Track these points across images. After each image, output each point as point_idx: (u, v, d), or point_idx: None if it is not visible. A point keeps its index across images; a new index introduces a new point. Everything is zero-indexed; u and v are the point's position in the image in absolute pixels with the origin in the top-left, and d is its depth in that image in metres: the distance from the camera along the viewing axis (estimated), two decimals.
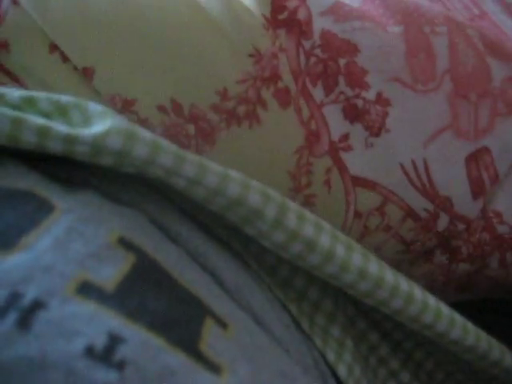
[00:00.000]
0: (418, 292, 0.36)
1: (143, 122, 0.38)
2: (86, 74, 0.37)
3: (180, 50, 0.38)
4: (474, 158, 0.42)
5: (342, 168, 0.40)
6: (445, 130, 0.41)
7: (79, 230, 0.25)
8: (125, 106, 0.37)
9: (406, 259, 0.46)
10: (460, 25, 0.43)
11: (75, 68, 0.37)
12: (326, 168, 0.40)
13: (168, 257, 0.27)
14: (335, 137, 0.40)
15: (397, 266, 0.47)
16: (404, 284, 0.35)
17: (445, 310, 0.37)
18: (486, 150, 0.42)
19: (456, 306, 0.40)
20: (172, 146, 0.30)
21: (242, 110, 0.38)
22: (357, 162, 0.40)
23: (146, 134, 0.29)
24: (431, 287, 0.49)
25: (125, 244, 0.25)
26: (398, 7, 0.43)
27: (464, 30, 0.43)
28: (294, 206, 0.33)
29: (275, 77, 0.38)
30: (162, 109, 0.38)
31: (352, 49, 0.40)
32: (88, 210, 0.27)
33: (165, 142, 0.30)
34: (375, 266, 0.34)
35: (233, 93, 0.38)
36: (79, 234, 0.24)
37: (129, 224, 0.28)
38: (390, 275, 0.35)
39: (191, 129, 0.38)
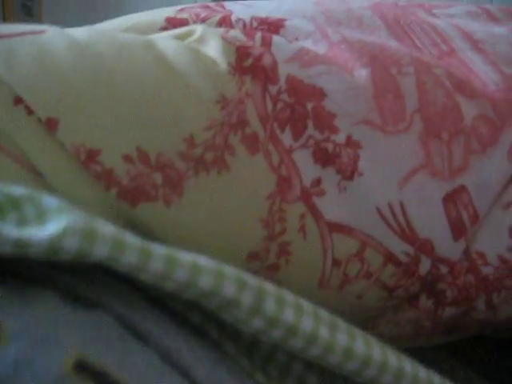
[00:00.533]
0: (408, 365, 0.35)
1: (108, 173, 0.37)
2: (50, 125, 0.37)
3: (146, 99, 0.38)
4: (452, 198, 0.42)
5: (316, 213, 0.39)
6: (419, 171, 0.41)
7: (29, 360, 0.23)
8: (89, 157, 0.37)
9: (390, 306, 0.45)
10: (427, 64, 0.44)
11: (39, 120, 0.37)
12: (300, 214, 0.39)
13: (134, 368, 0.26)
14: (307, 182, 0.39)
15: (381, 313, 0.46)
16: (392, 358, 0.34)
17: (436, 379, 0.36)
18: (463, 188, 0.42)
19: None
20: (136, 241, 0.28)
21: (209, 156, 0.38)
22: (331, 206, 0.40)
23: (106, 229, 0.28)
24: (418, 332, 0.48)
25: (83, 368, 0.24)
26: (363, 50, 0.44)
27: (431, 69, 0.44)
28: (272, 289, 0.32)
29: (242, 122, 0.38)
30: (127, 158, 0.37)
31: (318, 93, 0.40)
32: (42, 327, 0.25)
33: (128, 236, 0.28)
34: (361, 344, 0.33)
35: (200, 139, 0.38)
36: (29, 367, 0.23)
37: (90, 336, 0.26)
38: (377, 351, 0.34)
39: (158, 178, 0.38)
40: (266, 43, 0.42)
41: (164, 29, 0.49)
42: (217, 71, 0.39)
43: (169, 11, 0.52)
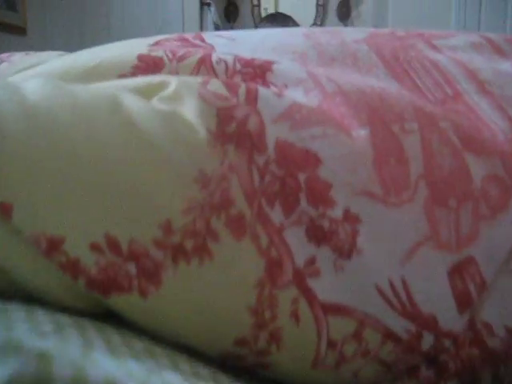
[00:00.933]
0: None
1: (74, 264, 0.32)
2: (4, 210, 0.31)
3: (112, 178, 0.32)
4: (458, 270, 0.37)
5: (309, 296, 0.34)
6: (423, 244, 0.36)
7: None
8: (51, 246, 0.31)
9: (389, 377, 0.41)
10: (432, 118, 0.39)
11: None
12: (292, 298, 0.34)
13: None
14: (300, 262, 0.34)
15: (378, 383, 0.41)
16: None
17: None
18: (471, 259, 0.37)
19: None
20: (101, 373, 0.24)
21: (189, 244, 0.32)
22: (326, 287, 0.35)
23: (64, 371, 0.23)
24: None
25: None
26: (361, 103, 0.38)
27: (436, 123, 0.38)
28: None
29: (226, 202, 0.33)
30: (95, 247, 0.32)
31: (312, 160, 0.35)
32: None
33: (93, 364, 0.24)
34: None
35: (178, 225, 0.32)
36: None
37: None
38: None
39: (132, 268, 0.32)
40: (251, 99, 0.36)
41: (135, 68, 0.42)
42: (194, 142, 0.33)
43: (142, 45, 0.45)
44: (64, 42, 2.85)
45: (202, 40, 0.47)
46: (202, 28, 3.05)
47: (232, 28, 3.39)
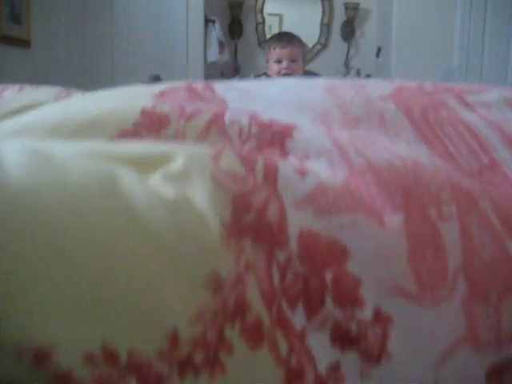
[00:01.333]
0: None
1: (65, 377, 0.27)
2: None
3: (108, 279, 0.27)
4: (497, 371, 0.32)
5: None
6: (460, 345, 0.31)
7: None
8: (38, 358, 0.26)
9: None
10: (470, 197, 0.33)
11: None
12: None
13: None
14: (322, 369, 0.29)
15: None
16: None
17: None
18: None
19: None
20: None
21: (199, 356, 0.27)
22: None
23: None
24: None
25: None
26: (394, 182, 0.33)
27: (476, 204, 0.33)
28: None
29: (242, 308, 0.27)
30: (89, 358, 0.27)
31: (340, 253, 0.29)
32: None
33: None
34: None
35: (186, 335, 0.27)
36: None
37: None
38: None
39: (132, 381, 0.27)
40: (271, 179, 0.31)
41: (138, 125, 0.37)
42: (206, 237, 0.28)
43: (146, 96, 0.40)
44: (67, 55, 2.80)
45: (213, 92, 0.42)
46: (205, 44, 3.00)
47: (236, 44, 3.32)
